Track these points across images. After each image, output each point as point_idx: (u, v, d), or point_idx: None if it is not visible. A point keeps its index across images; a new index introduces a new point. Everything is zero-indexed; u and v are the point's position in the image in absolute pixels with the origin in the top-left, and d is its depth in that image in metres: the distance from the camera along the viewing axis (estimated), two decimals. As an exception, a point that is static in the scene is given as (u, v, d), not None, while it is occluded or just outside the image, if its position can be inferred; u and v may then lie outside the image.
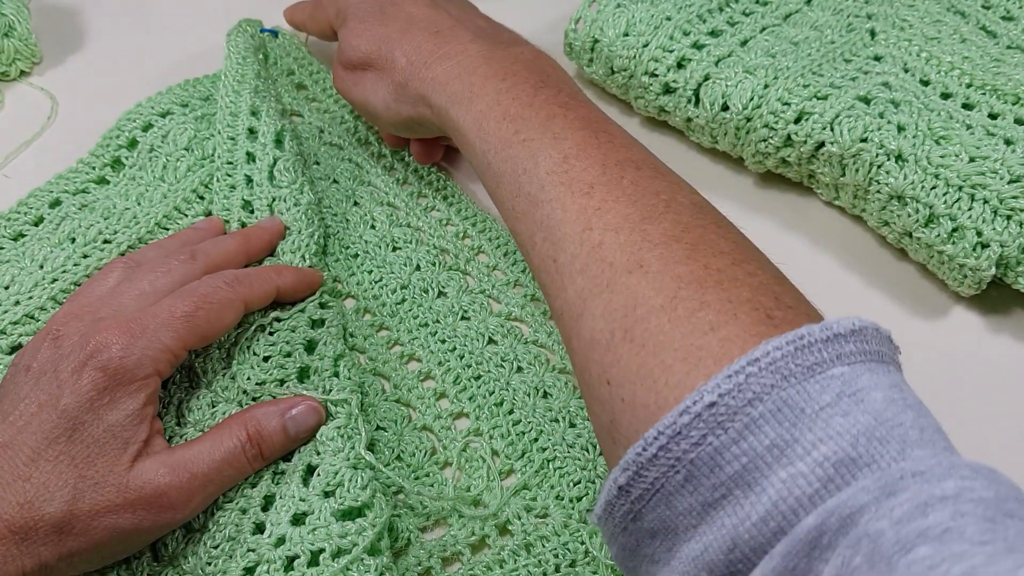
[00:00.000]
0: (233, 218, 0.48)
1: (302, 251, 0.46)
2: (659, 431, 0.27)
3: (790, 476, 0.25)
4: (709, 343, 0.29)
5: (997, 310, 0.45)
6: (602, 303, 0.32)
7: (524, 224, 0.38)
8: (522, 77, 0.41)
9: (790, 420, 0.26)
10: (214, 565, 0.37)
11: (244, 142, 0.50)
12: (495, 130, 0.40)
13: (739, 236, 0.34)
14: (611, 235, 0.33)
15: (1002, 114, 0.45)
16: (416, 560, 0.40)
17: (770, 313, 0.29)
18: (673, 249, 0.32)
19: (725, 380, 0.26)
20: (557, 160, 0.37)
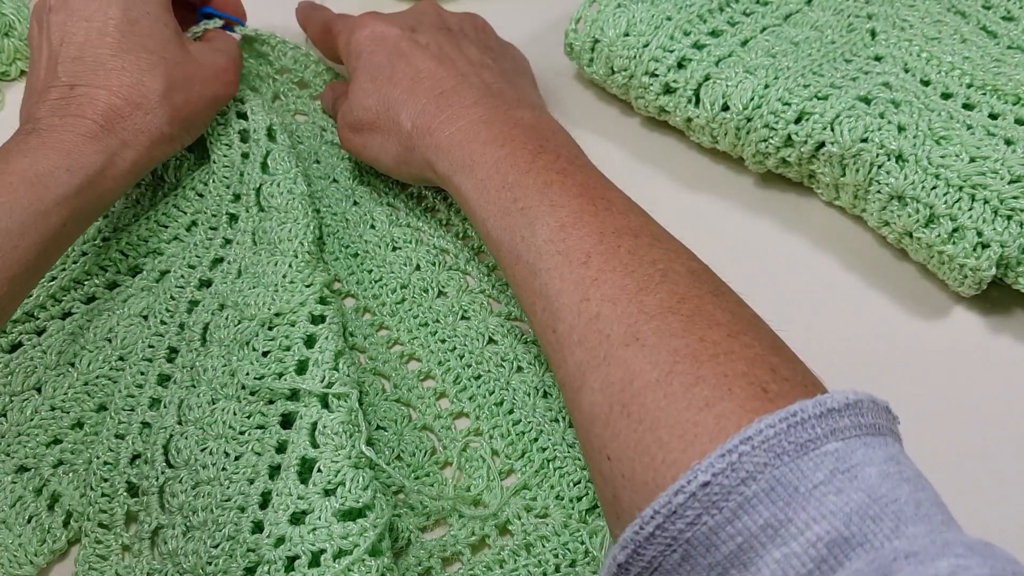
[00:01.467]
0: (222, 210, 0.49)
1: (299, 239, 0.46)
2: (655, 510, 0.27)
3: (784, 556, 0.25)
4: (705, 420, 0.28)
5: (997, 310, 0.45)
6: (600, 377, 0.32)
7: (524, 291, 0.38)
8: (520, 143, 0.41)
9: (783, 499, 0.26)
10: (214, 565, 0.37)
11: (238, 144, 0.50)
12: (495, 199, 0.40)
13: (736, 304, 0.34)
14: (608, 306, 0.33)
15: (1002, 114, 0.45)
16: (416, 560, 0.40)
17: (766, 387, 0.29)
18: (669, 321, 0.32)
19: (719, 459, 0.26)
20: (554, 228, 0.37)
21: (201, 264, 0.47)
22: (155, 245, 0.49)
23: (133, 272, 0.49)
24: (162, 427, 0.42)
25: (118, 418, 0.43)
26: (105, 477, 0.42)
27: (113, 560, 0.41)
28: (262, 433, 0.40)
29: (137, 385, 0.44)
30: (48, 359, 0.46)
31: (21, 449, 0.43)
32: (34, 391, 0.45)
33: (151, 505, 0.41)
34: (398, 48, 0.47)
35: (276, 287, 0.44)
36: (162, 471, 0.41)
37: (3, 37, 0.58)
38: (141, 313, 0.47)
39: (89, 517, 0.41)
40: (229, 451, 0.40)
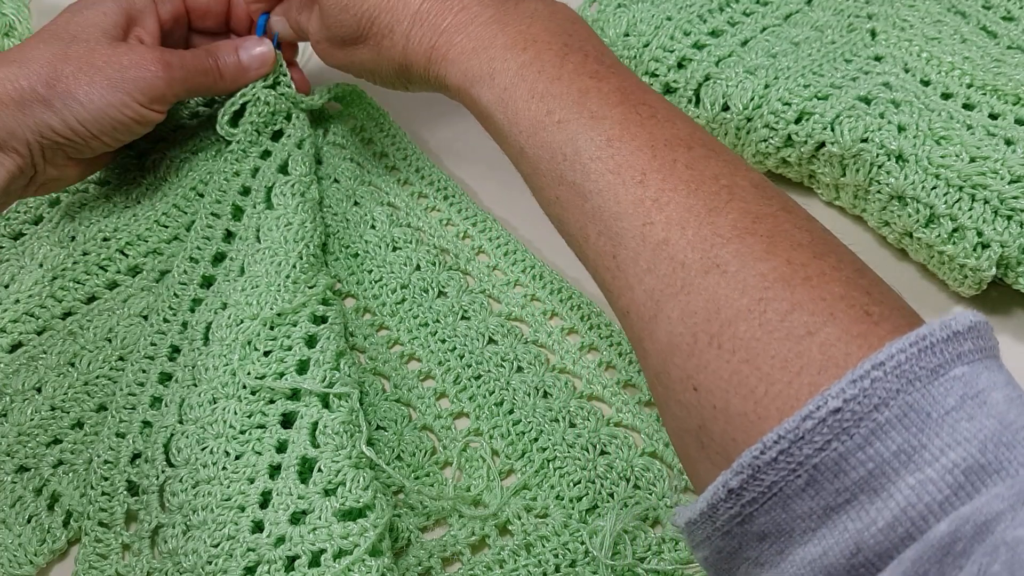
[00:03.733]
0: (228, 199, 0.49)
1: (305, 241, 0.46)
2: (779, 435, 0.26)
3: (919, 482, 0.25)
4: (809, 349, 0.27)
5: (997, 310, 0.45)
6: (679, 306, 0.30)
7: (572, 215, 0.35)
8: (544, 44, 0.37)
9: (916, 425, 0.25)
10: (214, 564, 0.37)
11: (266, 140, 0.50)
12: (524, 111, 0.36)
13: (810, 220, 0.32)
14: (677, 231, 0.31)
15: (1003, 114, 0.45)
16: (416, 560, 0.40)
17: (867, 310, 0.28)
18: (749, 243, 0.30)
19: (850, 385, 0.25)
20: (600, 144, 0.34)
21: (203, 259, 0.47)
22: (155, 245, 0.49)
23: (133, 272, 0.49)
24: (163, 426, 0.42)
25: (119, 416, 0.43)
26: (106, 476, 0.42)
27: (113, 559, 0.41)
28: (263, 432, 0.40)
29: (139, 383, 0.44)
30: (48, 359, 0.46)
31: (21, 449, 0.43)
32: (34, 391, 0.45)
33: (151, 504, 0.41)
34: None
35: (279, 287, 0.44)
36: (162, 470, 0.41)
37: (3, 37, 0.58)
38: (141, 313, 0.47)
39: (89, 516, 0.41)
40: (229, 450, 0.40)
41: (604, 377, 0.44)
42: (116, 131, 0.46)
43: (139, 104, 0.46)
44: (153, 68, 0.45)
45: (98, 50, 0.45)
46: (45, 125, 0.44)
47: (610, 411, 0.43)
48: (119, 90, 0.45)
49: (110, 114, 0.45)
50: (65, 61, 0.44)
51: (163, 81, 0.46)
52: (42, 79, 0.43)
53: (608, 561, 0.38)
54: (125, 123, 0.46)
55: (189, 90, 0.48)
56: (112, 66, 0.45)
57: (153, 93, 0.46)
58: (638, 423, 0.43)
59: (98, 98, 0.44)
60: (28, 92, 0.43)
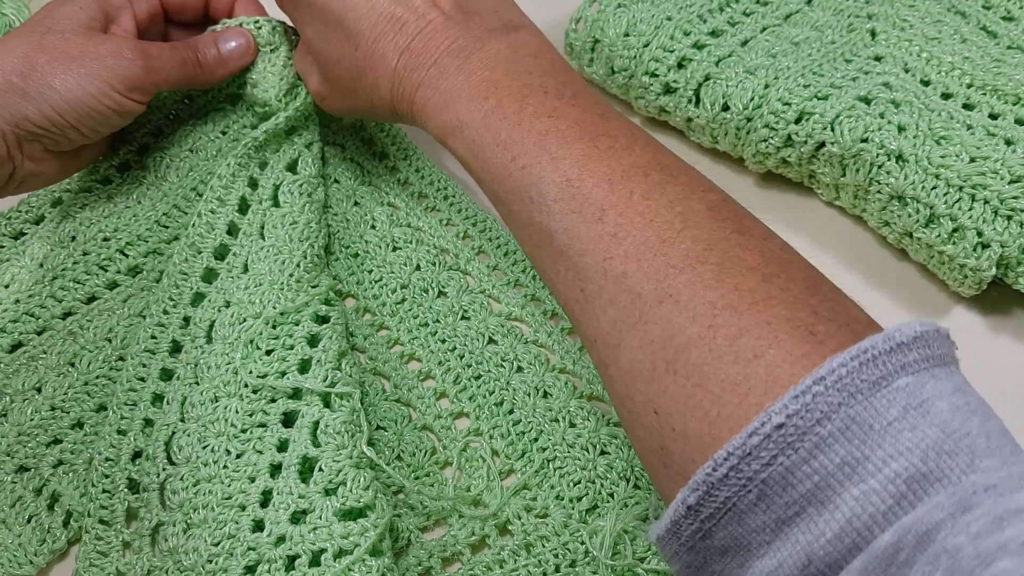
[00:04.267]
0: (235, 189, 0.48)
1: (310, 241, 0.46)
2: (728, 452, 0.27)
3: (863, 493, 0.25)
4: (756, 371, 0.28)
5: (997, 310, 0.45)
6: (638, 335, 0.32)
7: (543, 252, 0.37)
8: (505, 88, 0.39)
9: (859, 437, 0.26)
10: (214, 563, 0.37)
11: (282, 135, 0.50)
12: (492, 159, 0.38)
13: (763, 240, 0.33)
14: (633, 264, 0.33)
15: (1003, 114, 0.45)
16: (416, 560, 0.40)
17: (812, 330, 0.29)
18: (699, 272, 0.31)
19: (792, 401, 0.26)
20: (561, 184, 0.35)
21: (206, 250, 0.47)
22: (155, 245, 0.49)
23: (133, 272, 0.49)
24: (164, 424, 0.42)
25: (120, 413, 0.43)
26: (106, 473, 0.42)
27: (113, 556, 0.41)
28: (264, 431, 0.40)
29: (139, 378, 0.44)
30: (48, 359, 0.46)
31: (21, 449, 0.43)
32: (34, 391, 0.45)
33: (152, 502, 0.41)
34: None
35: (282, 286, 0.44)
36: (163, 468, 0.41)
37: (3, 37, 0.58)
38: (141, 313, 0.47)
39: (90, 513, 0.41)
40: (230, 449, 0.40)
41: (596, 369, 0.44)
42: (95, 121, 0.46)
43: (117, 93, 0.45)
44: (130, 56, 0.45)
45: (73, 40, 0.45)
46: (21, 115, 0.44)
47: (610, 411, 0.43)
48: (97, 78, 0.45)
49: (88, 103, 0.45)
50: (40, 51, 0.44)
51: (141, 69, 0.46)
52: (16, 70, 0.43)
53: (608, 561, 0.38)
54: (104, 112, 0.46)
55: (168, 80, 0.48)
56: (88, 55, 0.44)
57: (132, 81, 0.46)
58: (638, 423, 0.43)
59: (75, 86, 0.44)
60: (3, 84, 0.43)
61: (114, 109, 0.46)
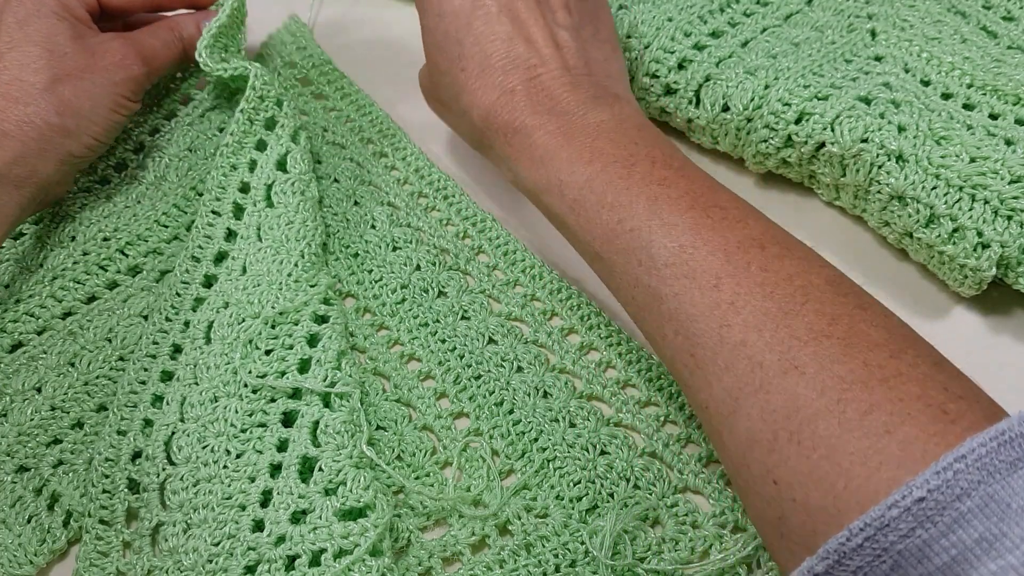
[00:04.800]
0: (228, 196, 0.48)
1: (307, 240, 0.46)
2: (866, 523, 0.27)
3: (1000, 568, 0.26)
4: (888, 446, 0.29)
5: (997, 311, 0.45)
6: (758, 404, 0.32)
7: (649, 315, 0.36)
8: (610, 158, 0.38)
9: (997, 515, 0.26)
10: (215, 563, 0.37)
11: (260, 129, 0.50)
12: (595, 220, 0.37)
13: (885, 317, 0.33)
14: (753, 334, 0.32)
15: (1003, 114, 0.45)
16: (416, 560, 0.40)
17: (944, 408, 0.29)
18: (826, 346, 0.31)
19: (934, 476, 0.27)
20: (673, 251, 0.35)
21: (205, 258, 0.47)
22: (155, 245, 0.49)
23: (133, 272, 0.49)
24: (164, 424, 0.42)
25: (120, 414, 0.43)
26: (106, 473, 0.42)
27: (114, 557, 0.41)
28: (263, 431, 0.41)
29: (140, 381, 0.44)
30: (48, 359, 0.46)
31: (21, 449, 0.43)
32: (34, 391, 0.45)
33: (152, 502, 0.41)
34: (469, 14, 0.42)
35: (281, 286, 0.44)
36: (163, 468, 0.41)
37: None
38: (141, 313, 0.47)
39: (90, 513, 0.41)
40: (230, 449, 0.40)
41: (604, 377, 0.44)
42: (113, 130, 0.48)
43: (127, 99, 0.47)
44: (137, 66, 0.47)
45: (81, 60, 0.46)
46: (66, 152, 0.45)
47: (610, 411, 0.43)
48: (113, 94, 0.46)
49: (111, 119, 0.47)
50: (60, 83, 0.45)
51: (144, 73, 0.48)
52: (51, 111, 0.44)
53: (608, 561, 0.38)
54: (119, 120, 0.48)
55: (160, 69, 0.50)
56: (101, 73, 0.46)
57: (137, 87, 0.48)
58: (638, 423, 0.43)
59: (101, 108, 0.46)
60: (46, 128, 0.44)
61: (125, 116, 0.48)
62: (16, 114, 0.43)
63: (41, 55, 0.45)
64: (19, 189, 0.44)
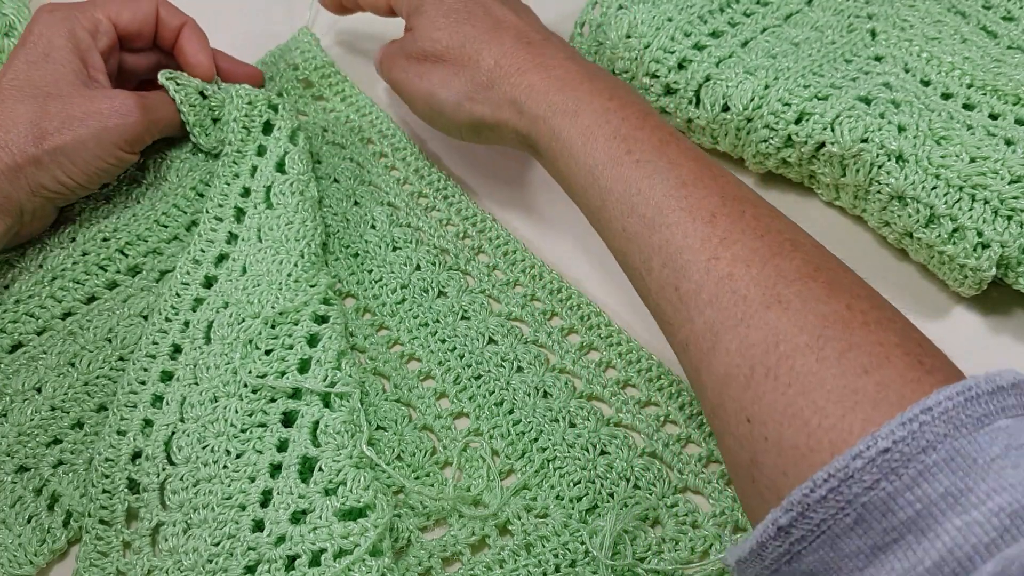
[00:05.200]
0: (229, 201, 0.48)
1: (307, 240, 0.46)
2: (829, 473, 0.27)
3: (965, 524, 0.25)
4: (864, 386, 0.29)
5: (997, 311, 0.45)
6: (737, 338, 0.32)
7: (637, 246, 0.37)
8: (628, 100, 0.40)
9: (963, 470, 0.26)
10: (215, 563, 0.37)
11: (259, 135, 0.50)
12: (604, 147, 0.38)
13: (866, 283, 0.34)
14: (742, 267, 0.33)
15: (1003, 114, 0.45)
16: (416, 560, 0.40)
17: (921, 359, 0.29)
18: (811, 287, 0.32)
19: (899, 427, 0.27)
20: (675, 184, 0.36)
21: (206, 260, 0.47)
22: (155, 245, 0.49)
23: (133, 272, 0.49)
24: (164, 424, 0.42)
25: (120, 414, 0.43)
26: (106, 473, 0.42)
27: (114, 556, 0.41)
28: (263, 431, 0.41)
29: (140, 382, 0.44)
30: (48, 359, 0.46)
31: (21, 449, 0.43)
32: (34, 391, 0.45)
33: (152, 502, 0.41)
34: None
35: (281, 286, 0.44)
36: (163, 468, 0.41)
37: (3, 37, 0.58)
38: (141, 313, 0.47)
39: (90, 513, 0.41)
40: (230, 449, 0.40)
41: (604, 377, 0.44)
42: (100, 177, 0.48)
43: (120, 150, 0.47)
44: (134, 115, 0.47)
45: (75, 102, 0.46)
46: (38, 184, 0.45)
47: (610, 411, 0.43)
48: (104, 140, 0.46)
49: (96, 164, 0.46)
50: (46, 118, 0.45)
51: (142, 125, 0.47)
52: (29, 140, 0.44)
53: (608, 561, 0.38)
54: (108, 170, 0.48)
55: (161, 129, 0.50)
56: (93, 116, 0.46)
57: (133, 136, 0.47)
58: (638, 423, 0.43)
59: (84, 151, 0.46)
60: (19, 156, 0.44)
61: (116, 165, 0.48)
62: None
63: (37, 94, 0.45)
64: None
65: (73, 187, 0.47)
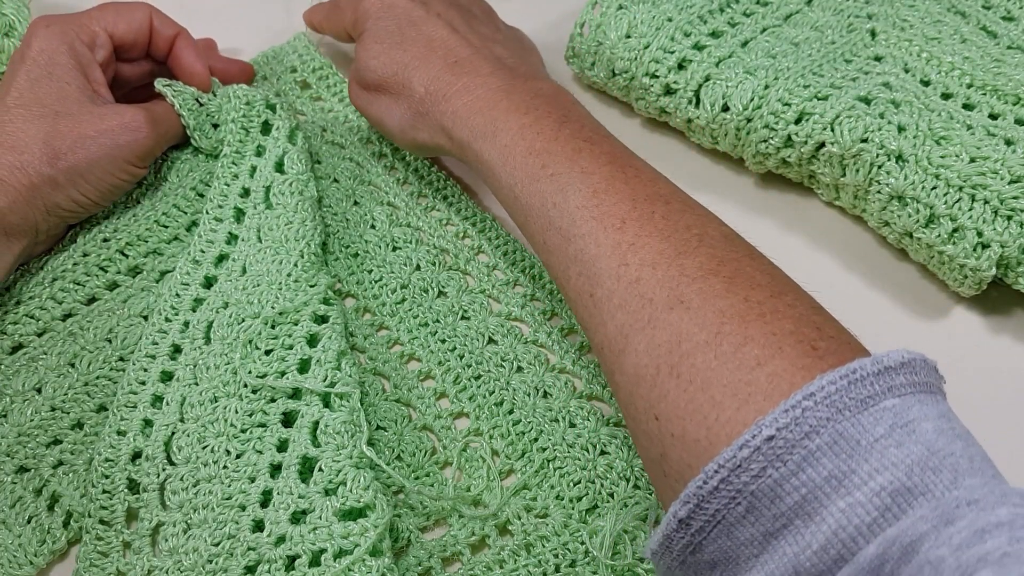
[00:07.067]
0: (229, 203, 0.48)
1: (306, 240, 0.46)
2: (719, 464, 0.28)
3: (848, 506, 0.26)
4: (757, 378, 0.29)
5: (997, 311, 0.45)
6: (645, 339, 0.33)
7: (557, 258, 0.38)
8: (544, 112, 0.41)
9: (846, 452, 0.27)
10: (215, 563, 0.37)
11: (257, 135, 0.50)
12: (521, 164, 0.40)
13: (772, 267, 0.35)
14: (648, 271, 0.34)
15: (1002, 114, 0.45)
16: (416, 560, 0.40)
17: (814, 344, 0.30)
18: (711, 283, 0.33)
19: (782, 414, 0.27)
20: (587, 194, 0.37)
21: (206, 261, 0.47)
22: (155, 245, 0.49)
23: (133, 272, 0.49)
24: (164, 424, 0.42)
25: (120, 414, 0.43)
26: (106, 474, 0.42)
27: (114, 557, 0.40)
28: (263, 431, 0.41)
29: (140, 382, 0.44)
30: (49, 360, 0.46)
31: (21, 450, 0.43)
32: (34, 392, 0.45)
33: (152, 502, 0.41)
34: (409, 16, 0.47)
35: (280, 286, 0.44)
36: (163, 468, 0.41)
37: (3, 37, 0.58)
38: (141, 313, 0.47)
39: (90, 514, 0.41)
40: (230, 449, 0.40)
41: (604, 377, 0.44)
42: (112, 193, 0.48)
43: (132, 165, 0.48)
44: (144, 130, 0.47)
45: (85, 120, 0.46)
46: (53, 204, 0.46)
47: (610, 411, 0.43)
48: (116, 157, 0.47)
49: (109, 181, 0.47)
50: (58, 138, 0.45)
51: (152, 139, 0.48)
52: (44, 160, 0.45)
53: (608, 561, 0.38)
54: (120, 186, 0.48)
55: (168, 140, 0.50)
56: (104, 135, 0.46)
57: (144, 151, 0.48)
58: (638, 423, 0.43)
59: (98, 169, 0.46)
60: (36, 176, 0.45)
61: (128, 180, 0.48)
62: (9, 161, 0.44)
63: (45, 113, 0.46)
64: (10, 237, 0.45)
65: (87, 205, 0.47)
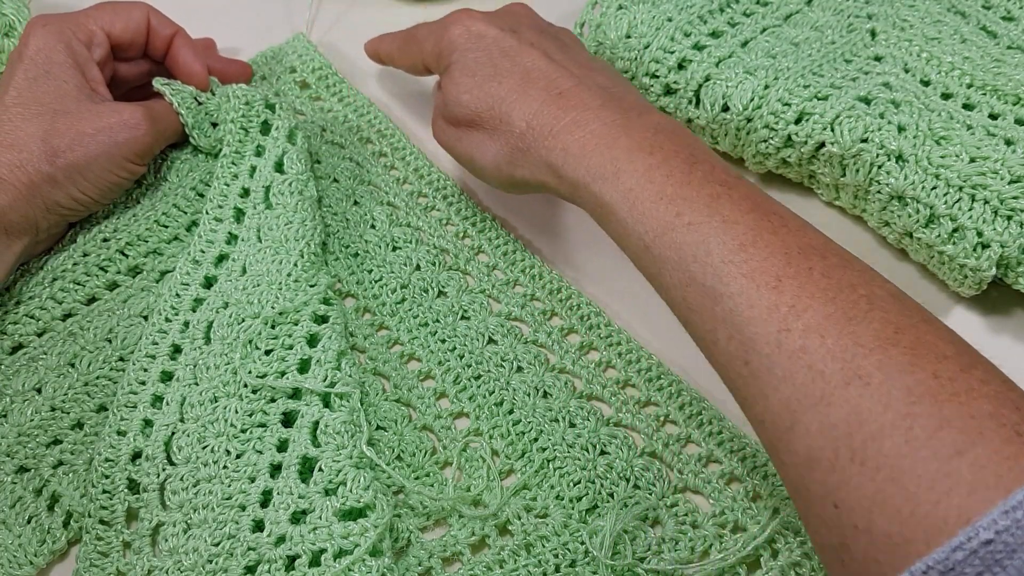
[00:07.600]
0: (229, 203, 0.49)
1: (306, 239, 0.46)
2: (929, 565, 0.26)
3: None
4: (958, 469, 0.27)
5: (997, 311, 0.45)
6: (818, 418, 0.30)
7: (700, 317, 0.34)
8: (671, 151, 0.37)
9: None
10: (215, 563, 0.37)
11: (257, 135, 0.50)
12: (652, 212, 0.36)
13: (952, 333, 0.31)
14: (815, 339, 0.30)
15: (1002, 114, 0.45)
16: (416, 560, 0.40)
17: (1017, 429, 0.27)
18: (892, 355, 0.29)
19: (1002, 516, 0.25)
20: (733, 247, 0.33)
21: (205, 261, 0.47)
22: (155, 245, 0.49)
23: (133, 272, 0.49)
24: (164, 424, 0.42)
25: (120, 415, 0.43)
26: (106, 474, 0.42)
27: (114, 557, 0.40)
28: (263, 431, 0.41)
29: (140, 382, 0.44)
30: (48, 360, 0.46)
31: (21, 450, 0.43)
32: (34, 392, 0.45)
33: (152, 502, 0.41)
34: (500, 46, 0.44)
35: (280, 286, 0.44)
36: (163, 468, 0.41)
37: (3, 37, 0.58)
38: (141, 313, 0.47)
39: (90, 514, 0.41)
40: (230, 449, 0.40)
41: (604, 377, 0.44)
42: (112, 193, 0.48)
43: (131, 163, 0.48)
44: (143, 127, 0.47)
45: (84, 118, 0.46)
46: (53, 202, 0.46)
47: (610, 411, 0.43)
48: (115, 154, 0.46)
49: (108, 179, 0.47)
50: (56, 136, 0.45)
51: (151, 136, 0.48)
52: (43, 159, 0.45)
53: (608, 561, 0.38)
54: (120, 184, 0.48)
55: (168, 137, 0.50)
56: (103, 132, 0.46)
57: (143, 150, 0.48)
58: (638, 423, 0.43)
59: (97, 166, 0.46)
60: (35, 175, 0.45)
61: (127, 178, 0.48)
62: (8, 159, 0.44)
63: (43, 111, 0.46)
64: (11, 236, 0.45)
65: (87, 203, 0.47)
